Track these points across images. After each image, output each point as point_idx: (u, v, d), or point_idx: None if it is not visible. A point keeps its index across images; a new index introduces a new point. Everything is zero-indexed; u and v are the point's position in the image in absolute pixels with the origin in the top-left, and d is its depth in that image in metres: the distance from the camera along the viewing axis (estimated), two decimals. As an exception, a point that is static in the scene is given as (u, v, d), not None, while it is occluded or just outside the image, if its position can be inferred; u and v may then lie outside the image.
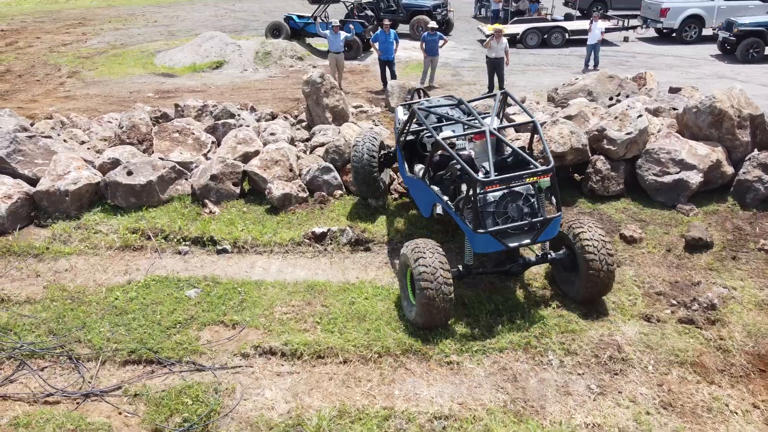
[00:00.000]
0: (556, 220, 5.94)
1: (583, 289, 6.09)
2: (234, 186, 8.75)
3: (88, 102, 14.10)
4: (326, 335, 5.94)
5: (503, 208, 5.94)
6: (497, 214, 5.94)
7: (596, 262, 5.85)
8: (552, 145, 8.34)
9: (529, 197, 6.02)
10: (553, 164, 5.90)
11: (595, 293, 6.14)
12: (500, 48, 13.62)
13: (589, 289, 6.05)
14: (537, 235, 5.88)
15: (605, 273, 5.90)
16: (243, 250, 7.59)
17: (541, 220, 5.84)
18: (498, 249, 5.91)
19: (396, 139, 7.95)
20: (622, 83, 11.33)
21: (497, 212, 5.94)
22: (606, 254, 5.91)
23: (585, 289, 6.06)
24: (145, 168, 8.60)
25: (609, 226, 7.75)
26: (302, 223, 8.08)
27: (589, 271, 5.89)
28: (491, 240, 5.77)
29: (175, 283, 6.83)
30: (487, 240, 5.77)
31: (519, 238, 5.90)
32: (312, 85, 10.92)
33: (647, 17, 20.50)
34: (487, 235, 5.73)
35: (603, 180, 8.31)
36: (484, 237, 5.74)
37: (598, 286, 6.01)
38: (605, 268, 5.88)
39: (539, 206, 6.05)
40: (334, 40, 14.49)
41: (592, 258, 5.86)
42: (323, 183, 8.71)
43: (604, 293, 6.25)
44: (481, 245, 5.88)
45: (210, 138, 9.86)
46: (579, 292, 6.18)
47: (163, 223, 8.03)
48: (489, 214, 5.94)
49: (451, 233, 7.62)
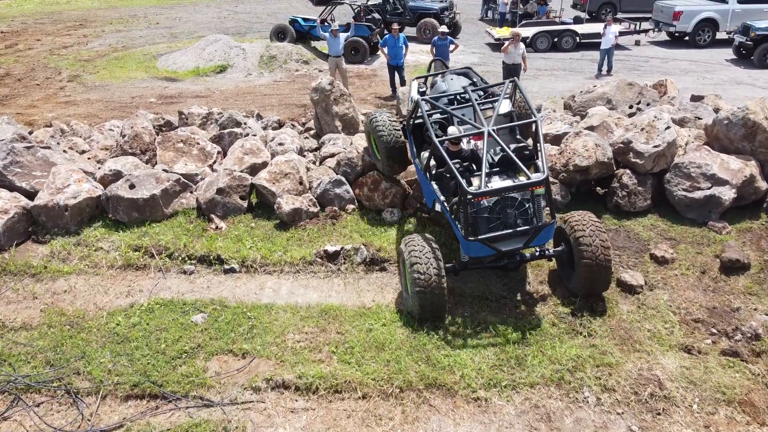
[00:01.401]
0: (550, 227, 5.96)
1: (580, 281, 6.13)
2: (241, 200, 8.35)
3: (89, 107, 13.71)
4: (343, 367, 5.54)
5: (497, 213, 5.94)
6: (490, 219, 5.94)
7: (590, 253, 5.91)
8: (576, 159, 7.94)
9: (524, 203, 6.00)
10: (548, 174, 5.81)
11: (593, 285, 6.15)
12: (518, 54, 13.19)
13: (586, 281, 6.08)
14: (530, 240, 5.90)
15: (600, 264, 5.94)
16: (251, 269, 7.19)
17: (533, 227, 5.83)
18: (489, 253, 5.96)
19: (406, 120, 7.87)
20: (642, 91, 10.91)
21: (490, 218, 5.94)
22: (601, 245, 5.96)
23: (582, 281, 6.11)
24: (148, 181, 8.21)
25: (637, 245, 7.35)
26: (313, 240, 7.67)
27: (583, 260, 5.96)
28: (482, 246, 5.84)
29: (181, 306, 6.43)
30: (478, 246, 5.87)
31: (511, 243, 5.92)
32: (321, 93, 10.52)
33: (659, 21, 20.09)
34: (477, 242, 5.81)
35: (629, 195, 7.90)
36: (476, 243, 5.83)
37: (594, 278, 6.03)
38: (600, 258, 5.92)
39: (534, 211, 6.02)
40: (334, 44, 14.10)
41: (586, 249, 5.94)
42: (335, 197, 8.31)
43: (603, 287, 6.24)
44: (473, 251, 5.98)
45: (216, 148, 9.47)
46: (577, 286, 6.23)
47: (167, 239, 7.63)
48: (483, 220, 5.96)
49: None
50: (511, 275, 6.87)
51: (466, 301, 6.51)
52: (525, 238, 5.89)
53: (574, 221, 6.20)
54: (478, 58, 18.65)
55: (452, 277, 5.91)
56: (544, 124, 9.93)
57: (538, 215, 6.01)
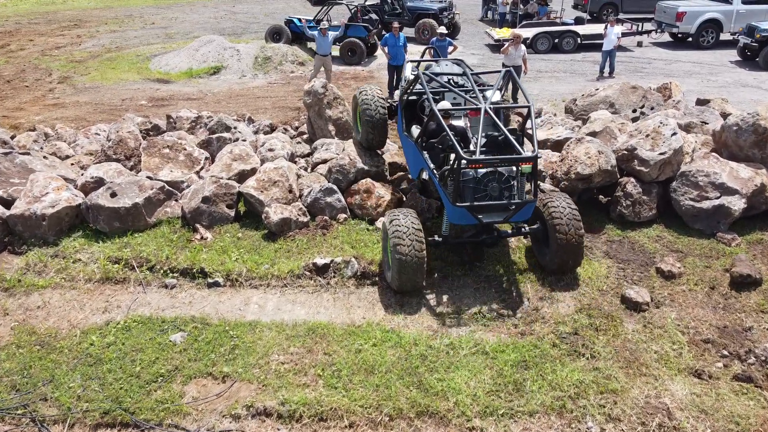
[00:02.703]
0: (531, 204, 6.26)
1: (553, 256, 6.41)
2: (228, 209, 7.99)
3: (78, 110, 13.35)
4: (329, 392, 5.18)
5: (483, 185, 6.20)
6: (477, 190, 6.21)
7: (563, 229, 6.21)
8: (578, 166, 7.58)
9: (510, 179, 6.27)
10: (537, 152, 6.17)
11: (565, 261, 6.40)
12: (518, 55, 12.83)
13: (559, 256, 6.35)
14: (510, 216, 6.19)
15: (572, 240, 6.23)
16: (237, 283, 6.84)
17: (516, 203, 6.13)
18: (471, 223, 6.26)
19: (399, 96, 8.16)
20: (646, 94, 10.56)
21: (477, 189, 6.21)
22: (574, 223, 6.26)
23: (555, 256, 6.37)
24: (130, 189, 7.85)
25: (642, 258, 6.99)
26: (302, 251, 7.32)
27: (556, 234, 6.24)
28: (466, 214, 6.12)
29: (159, 324, 6.07)
30: (462, 213, 6.15)
31: (492, 216, 6.23)
32: (314, 96, 10.16)
33: (662, 21, 19.72)
34: (463, 208, 6.07)
35: (634, 205, 7.54)
36: (461, 210, 6.10)
37: (566, 253, 6.31)
38: (572, 234, 6.22)
39: (518, 188, 6.32)
40: (323, 43, 13.90)
41: (559, 226, 6.23)
42: (326, 206, 7.95)
43: (576, 262, 6.52)
44: (457, 217, 6.27)
45: (203, 154, 9.11)
46: (551, 261, 6.49)
47: (149, 251, 7.28)
48: (469, 190, 6.21)
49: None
50: (509, 290, 6.52)
51: (462, 318, 6.15)
52: (506, 212, 6.19)
53: (548, 201, 6.49)
54: (478, 60, 18.29)
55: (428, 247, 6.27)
56: (544, 129, 9.58)
57: (521, 193, 6.34)
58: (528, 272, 6.80)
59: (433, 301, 6.45)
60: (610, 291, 6.44)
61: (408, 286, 6.27)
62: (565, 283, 6.58)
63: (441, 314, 6.24)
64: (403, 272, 6.07)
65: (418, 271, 6.10)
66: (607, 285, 6.53)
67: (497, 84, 7.44)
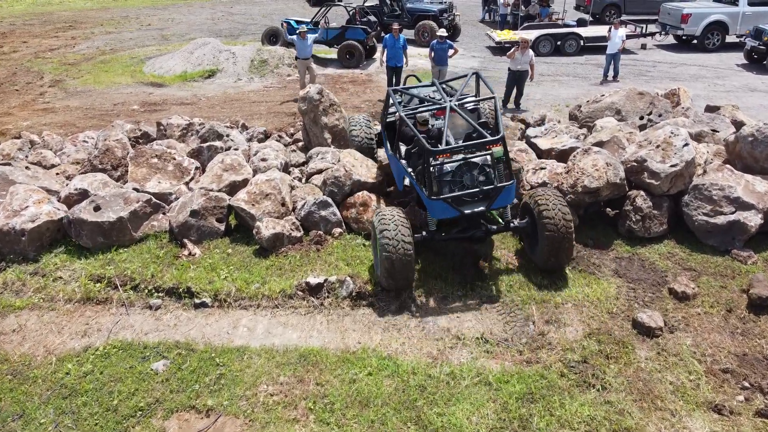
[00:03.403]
0: (509, 187, 6.28)
1: (542, 253, 6.35)
2: (218, 222, 7.63)
3: (67, 116, 12.98)
4: (321, 428, 4.81)
5: (459, 177, 6.32)
6: (453, 182, 6.33)
7: (552, 225, 6.14)
8: (585, 179, 7.21)
9: (485, 167, 6.36)
10: (503, 134, 6.30)
11: (555, 257, 6.35)
12: (525, 60, 12.47)
13: (548, 253, 6.30)
14: (491, 202, 6.25)
15: (562, 235, 6.17)
16: (225, 304, 6.47)
17: (492, 188, 6.17)
18: (453, 215, 6.27)
19: (381, 120, 8.39)
20: (653, 101, 10.19)
21: (453, 181, 6.33)
22: (563, 218, 6.18)
23: (544, 252, 6.32)
24: (115, 202, 7.49)
25: (654, 277, 6.62)
26: (295, 268, 6.95)
27: (546, 233, 6.18)
28: (446, 206, 6.19)
29: (141, 351, 5.70)
30: (442, 206, 6.22)
31: (474, 205, 6.28)
32: (309, 103, 9.80)
33: (667, 23, 19.35)
34: (441, 201, 6.16)
35: (644, 220, 7.17)
36: (439, 203, 6.19)
37: (556, 249, 6.25)
38: (562, 230, 6.15)
39: (497, 176, 6.37)
40: (302, 46, 13.64)
41: (548, 222, 6.16)
42: (320, 219, 7.58)
43: (565, 259, 6.48)
44: (438, 211, 6.30)
45: (194, 163, 8.74)
46: (540, 258, 6.46)
47: (134, 268, 6.91)
48: (446, 183, 6.34)
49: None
50: (513, 312, 6.15)
51: (464, 343, 5.78)
52: (486, 201, 6.24)
53: (538, 196, 6.42)
54: (479, 63, 17.91)
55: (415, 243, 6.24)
56: (548, 137, 9.21)
57: (500, 179, 6.36)
58: (532, 291, 6.43)
59: (433, 324, 6.08)
60: (620, 314, 6.07)
61: (397, 284, 6.24)
62: (572, 305, 6.21)
63: (441, 339, 5.87)
64: (391, 270, 6.05)
65: (406, 269, 6.06)
66: (617, 307, 6.16)
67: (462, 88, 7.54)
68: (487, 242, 7.20)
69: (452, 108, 6.75)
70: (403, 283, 6.27)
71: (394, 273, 6.07)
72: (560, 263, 6.53)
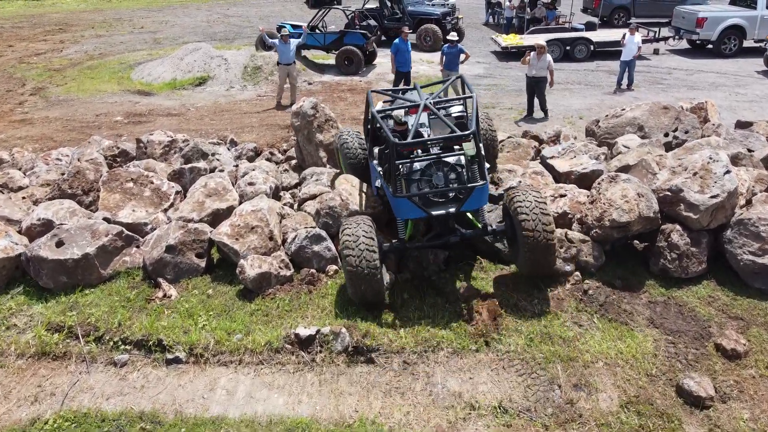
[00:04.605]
0: (482, 188, 5.82)
1: (523, 261, 5.93)
2: (198, 258, 6.77)
3: (45, 128, 12.12)
4: None
5: (428, 176, 5.91)
6: (421, 181, 5.93)
7: (531, 236, 5.63)
8: (613, 212, 6.34)
9: (457, 167, 5.96)
10: (474, 129, 5.85)
11: (536, 267, 5.94)
12: (541, 66, 11.73)
13: (529, 262, 5.87)
14: (461, 203, 5.80)
15: (542, 245, 5.67)
16: (202, 359, 5.60)
17: (462, 188, 5.75)
18: (420, 216, 5.89)
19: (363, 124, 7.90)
20: (679, 116, 9.32)
21: (422, 180, 5.93)
22: (543, 228, 5.64)
23: (524, 261, 5.89)
24: (81, 236, 6.63)
25: (696, 328, 5.75)
26: (283, 314, 6.09)
27: (525, 242, 5.69)
28: (412, 206, 5.77)
29: (98, 425, 4.83)
30: (407, 205, 5.79)
31: (443, 207, 5.89)
32: (302, 118, 8.95)
33: (680, 27, 18.47)
34: (406, 200, 5.73)
35: (680, 258, 6.31)
36: (404, 202, 5.76)
37: (536, 259, 5.81)
38: (542, 240, 5.64)
39: (470, 176, 5.98)
40: (284, 51, 12.94)
41: (528, 233, 5.64)
42: (313, 255, 6.72)
43: (547, 268, 6.04)
44: (403, 211, 5.91)
45: (174, 188, 7.88)
46: (522, 263, 6.00)
47: (99, 314, 6.05)
48: (413, 182, 5.96)
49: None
50: (535, 372, 5.29)
51: (479, 414, 4.92)
52: (457, 202, 5.80)
53: (514, 195, 5.89)
54: (484, 69, 17.03)
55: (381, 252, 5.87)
56: (566, 158, 8.35)
57: (472, 180, 5.95)
58: (556, 345, 5.57)
59: (442, 387, 5.22)
60: (661, 376, 5.21)
61: (366, 300, 5.83)
62: (603, 363, 5.35)
63: (451, 407, 5.02)
64: (356, 284, 5.66)
65: (372, 283, 5.63)
66: (657, 367, 5.29)
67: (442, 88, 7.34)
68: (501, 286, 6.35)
69: (426, 106, 6.38)
70: (372, 299, 5.83)
71: (359, 288, 5.67)
72: (544, 271, 6.12)
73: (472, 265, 6.82)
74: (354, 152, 7.68)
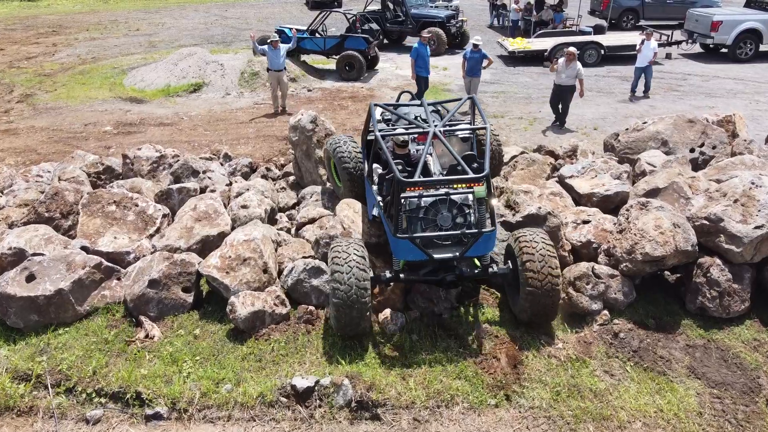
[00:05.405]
0: (489, 235, 5.36)
1: (523, 308, 5.51)
2: (185, 293, 6.12)
3: (29, 139, 11.47)
4: None
5: (433, 215, 5.41)
6: (425, 220, 5.42)
7: (535, 280, 5.27)
8: (646, 245, 5.69)
9: (464, 207, 5.44)
10: (488, 172, 5.30)
11: (536, 315, 5.52)
12: (570, 74, 11.14)
13: (529, 310, 5.46)
14: (466, 249, 5.31)
15: (546, 293, 5.29)
16: (186, 415, 4.96)
17: (470, 233, 5.23)
18: (420, 258, 5.39)
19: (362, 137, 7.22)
20: (705, 130, 8.67)
21: (425, 219, 5.42)
22: (549, 273, 5.27)
23: (525, 308, 5.48)
24: (54, 269, 5.98)
25: (743, 380, 5.10)
26: (278, 360, 5.45)
27: (527, 288, 5.34)
28: (412, 248, 5.29)
29: (62, 503, 4.19)
30: (407, 247, 5.31)
31: (446, 250, 5.41)
32: (301, 133, 8.31)
33: (694, 31, 17.82)
34: (407, 241, 5.25)
35: (721, 296, 5.66)
36: (405, 243, 5.29)
37: (538, 307, 5.41)
38: (547, 287, 5.27)
39: (478, 219, 5.43)
40: (274, 57, 12.40)
41: (532, 277, 5.29)
42: (311, 290, 6.08)
43: (550, 316, 5.61)
44: (402, 252, 5.42)
45: (160, 210, 7.24)
46: (522, 310, 5.56)
47: (72, 360, 5.41)
48: (416, 221, 5.43)
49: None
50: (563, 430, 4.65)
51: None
52: (461, 246, 5.35)
53: (523, 241, 5.50)
54: (491, 75, 16.35)
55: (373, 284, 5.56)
56: (586, 177, 7.71)
57: (481, 223, 5.42)
58: (587, 400, 4.93)
59: (458, 452, 4.58)
60: (709, 440, 4.57)
61: (348, 327, 5.37)
62: (642, 424, 4.70)
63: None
64: (340, 317, 5.25)
65: (358, 318, 5.24)
66: (704, 429, 4.65)
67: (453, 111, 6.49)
68: (520, 326, 5.71)
69: (435, 134, 5.79)
70: (354, 332, 5.45)
71: (342, 321, 5.28)
72: (543, 322, 5.69)
73: (485, 300, 6.18)
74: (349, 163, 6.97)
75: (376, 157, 6.72)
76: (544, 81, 15.49)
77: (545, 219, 6.32)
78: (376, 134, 5.82)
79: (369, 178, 6.66)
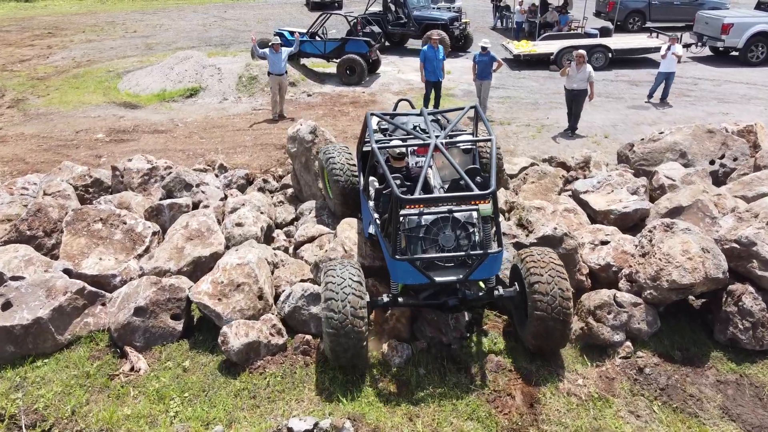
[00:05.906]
0: (495, 257, 4.96)
1: (531, 334, 5.13)
2: (174, 320, 5.69)
3: (18, 147, 11.03)
4: None
5: (435, 234, 5.01)
6: (426, 240, 5.02)
7: (545, 305, 4.90)
8: (673, 272, 5.25)
9: (469, 226, 5.03)
10: (494, 189, 4.84)
11: (545, 342, 5.12)
12: (581, 78, 10.78)
13: (538, 336, 5.08)
14: (470, 272, 4.91)
15: (557, 318, 4.92)
16: (172, 461, 4.53)
17: (475, 254, 4.87)
18: (420, 282, 5.00)
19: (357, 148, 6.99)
20: (726, 140, 8.24)
21: (426, 238, 5.01)
22: (560, 295, 4.90)
23: (533, 334, 5.10)
24: (33, 295, 5.55)
25: (782, 421, 4.66)
26: (274, 396, 5.02)
27: (536, 312, 4.96)
28: (412, 270, 4.90)
29: None
30: (406, 269, 4.92)
31: (449, 273, 5.02)
32: (300, 144, 7.88)
33: (703, 34, 17.37)
34: (406, 263, 4.87)
35: (755, 327, 5.22)
36: (404, 265, 4.90)
37: (547, 333, 5.03)
38: (557, 311, 4.89)
39: (483, 239, 5.00)
40: (276, 60, 12.03)
41: (540, 300, 4.92)
42: (309, 318, 5.64)
43: (560, 343, 5.20)
44: (401, 275, 5.01)
45: (150, 228, 6.81)
46: (528, 338, 5.23)
47: (50, 397, 4.98)
48: (417, 241, 5.02)
49: None
50: None
51: None
52: (464, 269, 4.96)
53: (530, 261, 5.13)
54: (495, 79, 15.79)
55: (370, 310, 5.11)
56: (602, 192, 7.28)
57: (486, 244, 4.96)
58: (611, 445, 4.50)
59: (472, 507, 4.14)
60: (749, 495, 4.13)
61: (343, 362, 5.04)
62: (674, 475, 4.26)
63: None
64: (335, 349, 4.87)
65: (354, 350, 4.86)
66: (743, 482, 4.21)
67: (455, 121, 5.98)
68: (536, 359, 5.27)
69: (437, 147, 5.35)
70: (351, 363, 5.09)
71: (337, 352, 4.90)
72: (553, 348, 5.30)
73: (496, 328, 5.75)
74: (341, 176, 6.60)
75: (372, 170, 6.29)
76: (551, 85, 15.06)
77: (561, 241, 5.88)
78: (373, 147, 5.38)
79: (365, 192, 6.22)
